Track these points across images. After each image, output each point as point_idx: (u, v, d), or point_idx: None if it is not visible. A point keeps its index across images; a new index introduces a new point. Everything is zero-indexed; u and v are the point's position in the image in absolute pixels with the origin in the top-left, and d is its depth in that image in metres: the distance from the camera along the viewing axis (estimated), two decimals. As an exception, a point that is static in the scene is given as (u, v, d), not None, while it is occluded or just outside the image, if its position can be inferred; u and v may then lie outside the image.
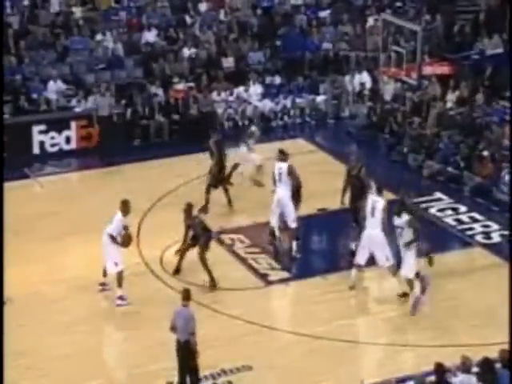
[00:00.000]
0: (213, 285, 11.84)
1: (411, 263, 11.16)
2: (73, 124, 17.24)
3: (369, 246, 11.55)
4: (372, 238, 11.49)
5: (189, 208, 12.14)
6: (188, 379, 9.46)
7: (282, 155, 12.75)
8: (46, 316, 11.21)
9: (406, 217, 11.23)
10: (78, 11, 19.82)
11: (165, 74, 18.94)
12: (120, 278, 11.43)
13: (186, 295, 9.63)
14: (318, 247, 13.78)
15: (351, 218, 12.55)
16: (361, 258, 11.66)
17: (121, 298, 11.49)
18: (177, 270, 12.22)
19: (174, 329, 9.50)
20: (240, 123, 18.48)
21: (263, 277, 12.34)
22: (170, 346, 9.54)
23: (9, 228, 11.53)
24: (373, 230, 11.44)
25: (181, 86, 18.58)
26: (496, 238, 13.36)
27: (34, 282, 11.92)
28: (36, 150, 16.95)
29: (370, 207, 11.48)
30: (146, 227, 13.57)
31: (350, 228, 12.90)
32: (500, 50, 16.84)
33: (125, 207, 11.52)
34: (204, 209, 12.74)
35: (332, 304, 11.52)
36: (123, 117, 17.77)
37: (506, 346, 9.10)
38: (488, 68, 17.68)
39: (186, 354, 9.34)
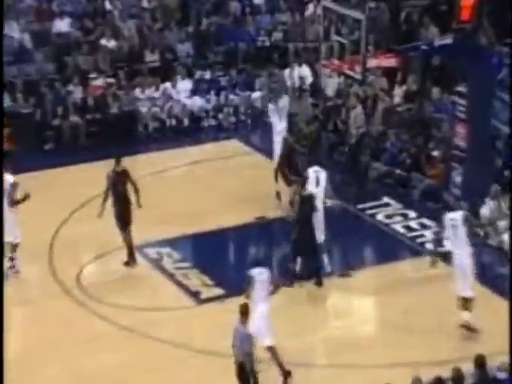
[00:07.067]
0: None
1: None
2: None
3: None
4: None
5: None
6: None
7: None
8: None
9: None
10: (-23, -3, 19.56)
11: (80, 68, 18.85)
12: None
13: (243, 310, 9.72)
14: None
15: None
16: None
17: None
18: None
19: (233, 347, 9.73)
20: (167, 123, 18.51)
21: (194, 295, 12.44)
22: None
23: None
24: None
25: (99, 82, 18.54)
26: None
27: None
28: None
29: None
30: (59, 243, 13.53)
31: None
32: (449, 41, 17.31)
33: None
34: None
35: (272, 323, 11.63)
36: (33, 117, 17.61)
37: (458, 364, 9.39)
38: (436, 60, 18.15)
39: (241, 377, 9.54)
